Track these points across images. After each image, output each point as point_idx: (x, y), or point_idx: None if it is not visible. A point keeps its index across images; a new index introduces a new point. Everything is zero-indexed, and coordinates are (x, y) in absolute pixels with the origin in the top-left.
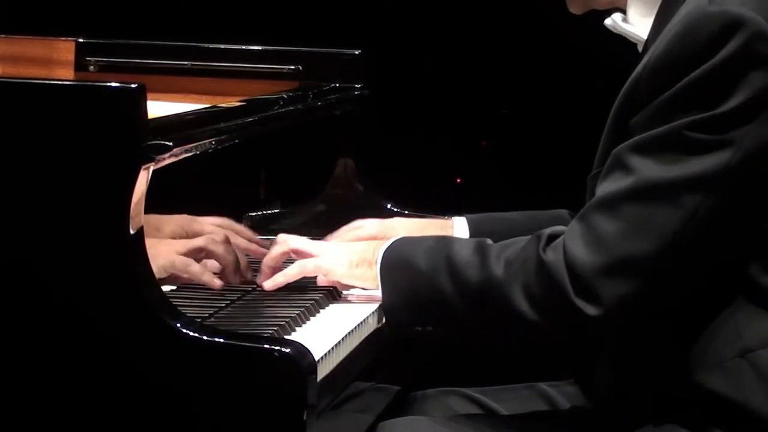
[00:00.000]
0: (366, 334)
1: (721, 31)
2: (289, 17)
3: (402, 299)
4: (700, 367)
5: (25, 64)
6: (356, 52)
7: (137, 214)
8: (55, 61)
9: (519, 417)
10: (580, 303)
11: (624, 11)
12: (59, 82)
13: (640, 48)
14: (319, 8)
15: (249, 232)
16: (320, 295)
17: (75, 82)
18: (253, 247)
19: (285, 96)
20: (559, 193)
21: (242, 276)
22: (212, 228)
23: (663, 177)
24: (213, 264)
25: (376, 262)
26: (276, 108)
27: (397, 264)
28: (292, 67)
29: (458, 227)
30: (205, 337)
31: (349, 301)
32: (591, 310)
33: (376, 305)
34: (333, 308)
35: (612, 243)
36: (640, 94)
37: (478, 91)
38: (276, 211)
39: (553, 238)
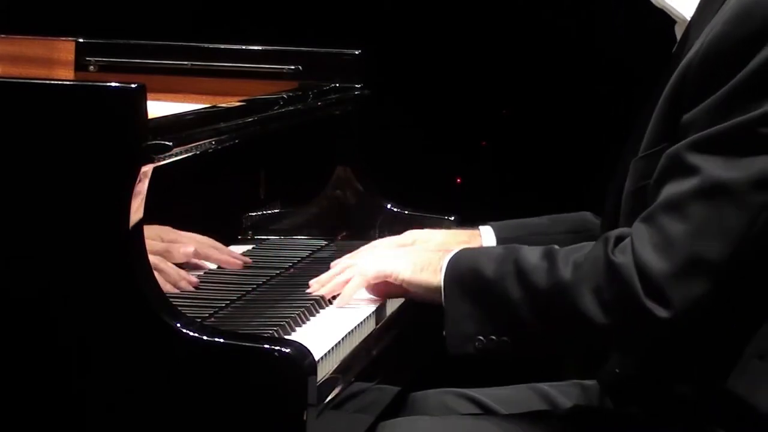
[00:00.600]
0: (366, 334)
1: None
2: (290, 17)
3: (467, 307)
4: (717, 364)
5: (25, 64)
6: (356, 52)
7: (137, 214)
8: (55, 61)
9: (519, 417)
10: (650, 305)
11: None
12: (59, 82)
13: (678, 32)
14: (320, 8)
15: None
16: (320, 295)
17: (75, 82)
18: (229, 260)
19: (285, 96)
20: (560, 193)
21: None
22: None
23: (729, 176)
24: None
25: (441, 270)
26: (276, 108)
27: (463, 271)
28: (292, 67)
29: (485, 235)
30: (205, 337)
31: (349, 302)
32: (662, 312)
33: (376, 305)
34: (333, 308)
35: (681, 245)
36: (691, 82)
37: (478, 91)
38: (276, 211)
39: (620, 239)
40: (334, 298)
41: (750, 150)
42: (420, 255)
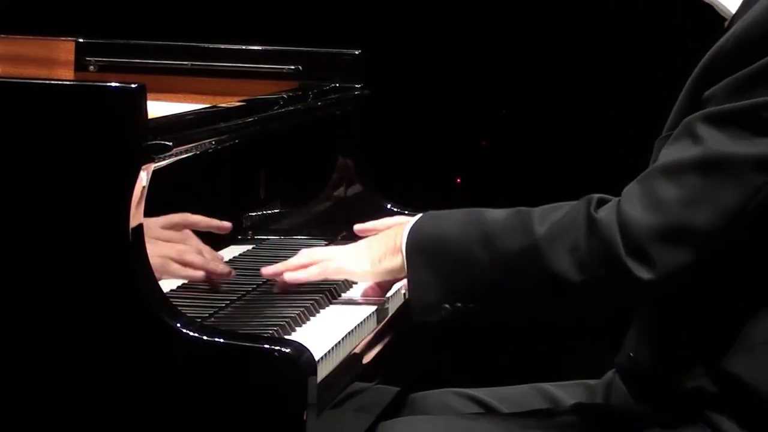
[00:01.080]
0: (366, 334)
1: None
2: (290, 17)
3: (432, 276)
4: (727, 350)
5: (25, 64)
6: (356, 52)
7: (137, 214)
8: (55, 61)
9: (520, 416)
10: (631, 264)
11: None
12: (59, 82)
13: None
14: (319, 8)
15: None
16: (320, 295)
17: (75, 82)
18: (213, 223)
19: (285, 96)
20: (560, 194)
21: (217, 270)
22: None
23: (732, 152)
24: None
25: (401, 248)
26: (276, 108)
27: (424, 241)
28: (292, 67)
29: None
30: (205, 337)
31: (349, 301)
32: (642, 273)
33: (376, 305)
34: (333, 308)
35: (671, 209)
36: (719, 65)
37: (478, 91)
38: (276, 211)
39: (603, 201)
40: (334, 298)
41: (758, 131)
42: (371, 245)
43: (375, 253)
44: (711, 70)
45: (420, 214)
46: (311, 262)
